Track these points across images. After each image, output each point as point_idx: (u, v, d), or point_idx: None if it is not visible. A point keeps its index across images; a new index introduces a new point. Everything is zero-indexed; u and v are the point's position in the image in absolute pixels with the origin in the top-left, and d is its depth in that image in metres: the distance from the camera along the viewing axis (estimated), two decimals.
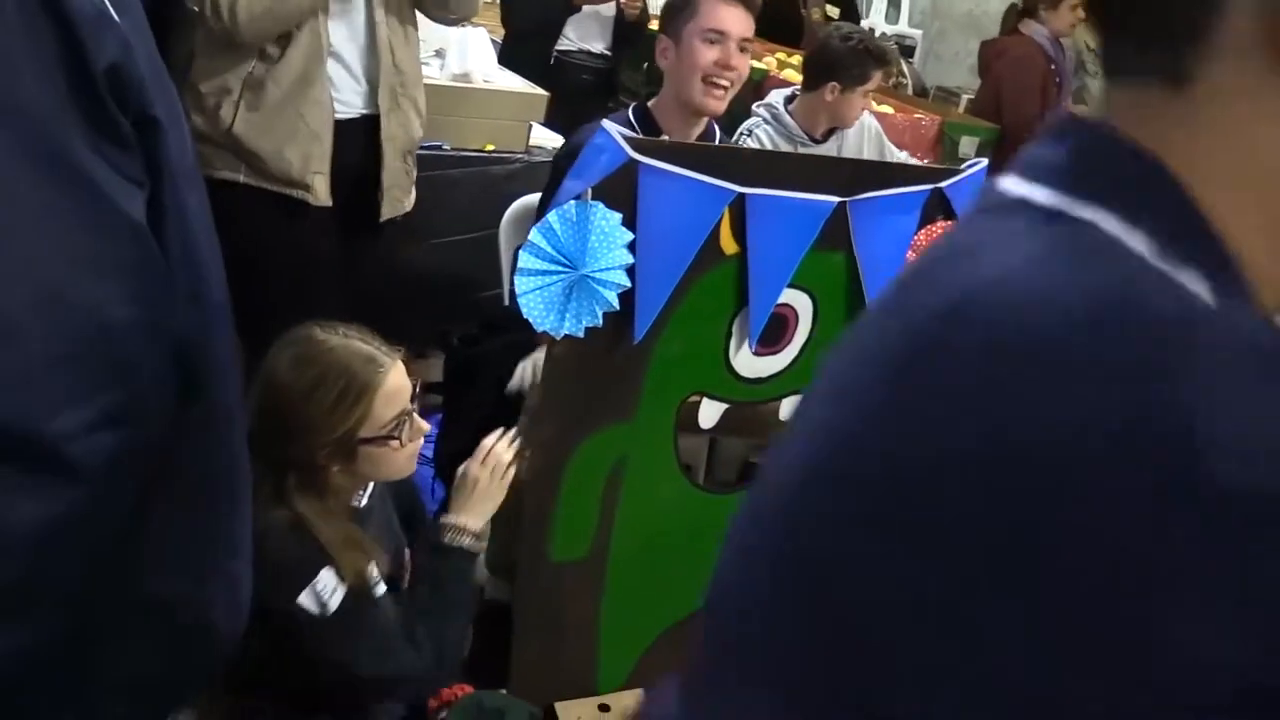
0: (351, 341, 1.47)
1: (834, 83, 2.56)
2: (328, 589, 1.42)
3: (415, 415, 1.51)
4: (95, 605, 0.78)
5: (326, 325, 1.49)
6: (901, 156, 2.95)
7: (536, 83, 3.33)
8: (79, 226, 0.70)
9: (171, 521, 0.84)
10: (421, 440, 1.54)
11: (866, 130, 2.76)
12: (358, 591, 1.45)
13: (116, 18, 0.72)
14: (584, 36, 3.88)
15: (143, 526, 0.79)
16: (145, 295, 0.75)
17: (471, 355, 2.31)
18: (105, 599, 0.78)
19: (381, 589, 1.53)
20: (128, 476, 0.75)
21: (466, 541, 1.58)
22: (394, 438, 1.46)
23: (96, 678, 0.82)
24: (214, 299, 0.86)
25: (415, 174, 2.33)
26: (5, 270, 0.67)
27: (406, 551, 1.65)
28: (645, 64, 4.28)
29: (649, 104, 2.19)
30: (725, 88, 2.08)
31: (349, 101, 2.13)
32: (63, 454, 0.69)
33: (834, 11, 5.07)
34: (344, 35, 2.09)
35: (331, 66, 2.08)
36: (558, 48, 3.83)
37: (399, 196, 2.27)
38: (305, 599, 1.41)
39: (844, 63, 2.56)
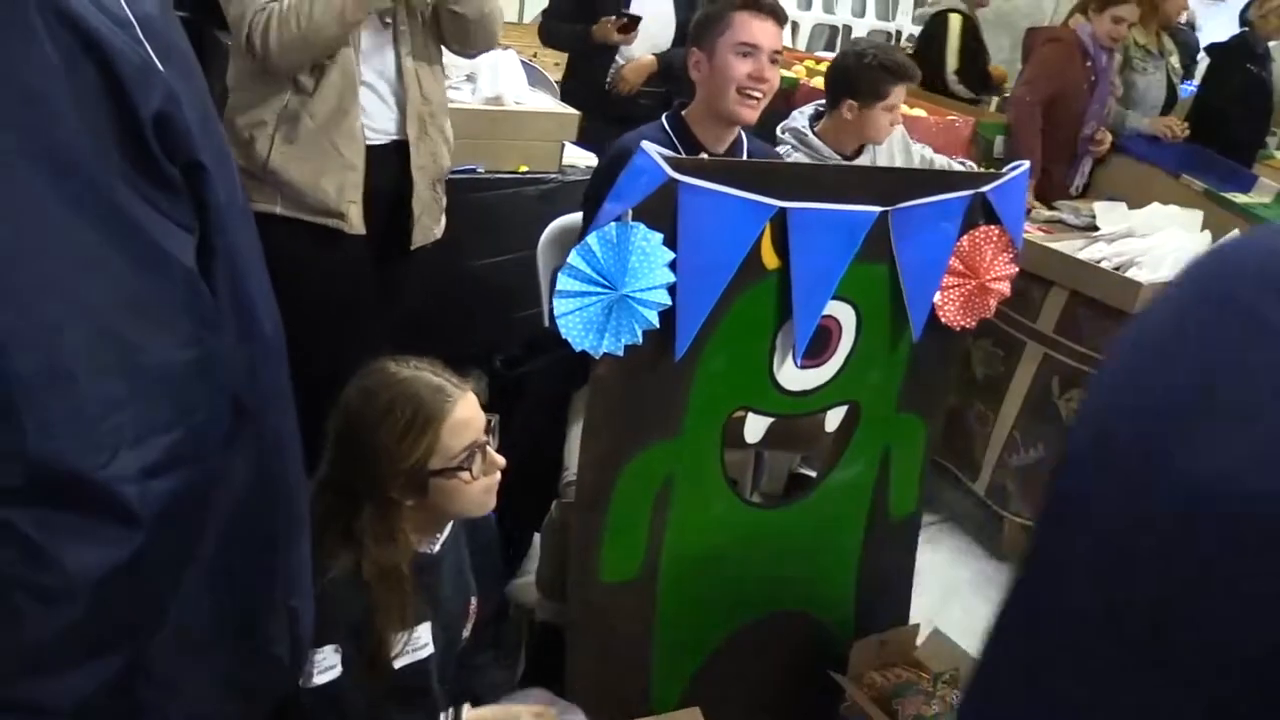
0: (421, 373, 1.47)
1: (851, 100, 2.53)
2: (323, 664, 1.40)
3: (490, 449, 1.49)
4: (154, 644, 0.79)
5: (400, 358, 1.49)
6: (927, 152, 2.91)
7: (595, 113, 3.29)
8: (128, 271, 0.71)
9: (228, 558, 0.85)
10: (498, 475, 1.51)
11: (891, 137, 2.73)
12: (371, 660, 1.43)
13: (161, 67, 0.73)
14: (631, 54, 3.54)
15: (201, 564, 0.80)
16: (196, 337, 0.76)
17: (514, 377, 2.31)
18: (164, 637, 0.79)
19: (427, 651, 1.51)
20: (186, 518, 0.75)
21: None
22: (464, 469, 1.44)
23: (147, 710, 0.82)
24: (265, 333, 0.87)
25: (445, 201, 2.34)
26: (57, 316, 0.68)
27: (473, 600, 1.63)
28: None
29: (682, 113, 2.20)
30: (758, 99, 2.11)
31: (381, 128, 2.16)
32: (120, 498, 0.69)
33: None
34: (374, 68, 2.11)
35: (363, 94, 2.10)
36: (611, 71, 3.54)
37: (429, 224, 2.29)
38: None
39: (858, 80, 2.52)
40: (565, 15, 3.55)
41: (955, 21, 4.64)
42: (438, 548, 1.55)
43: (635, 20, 3.42)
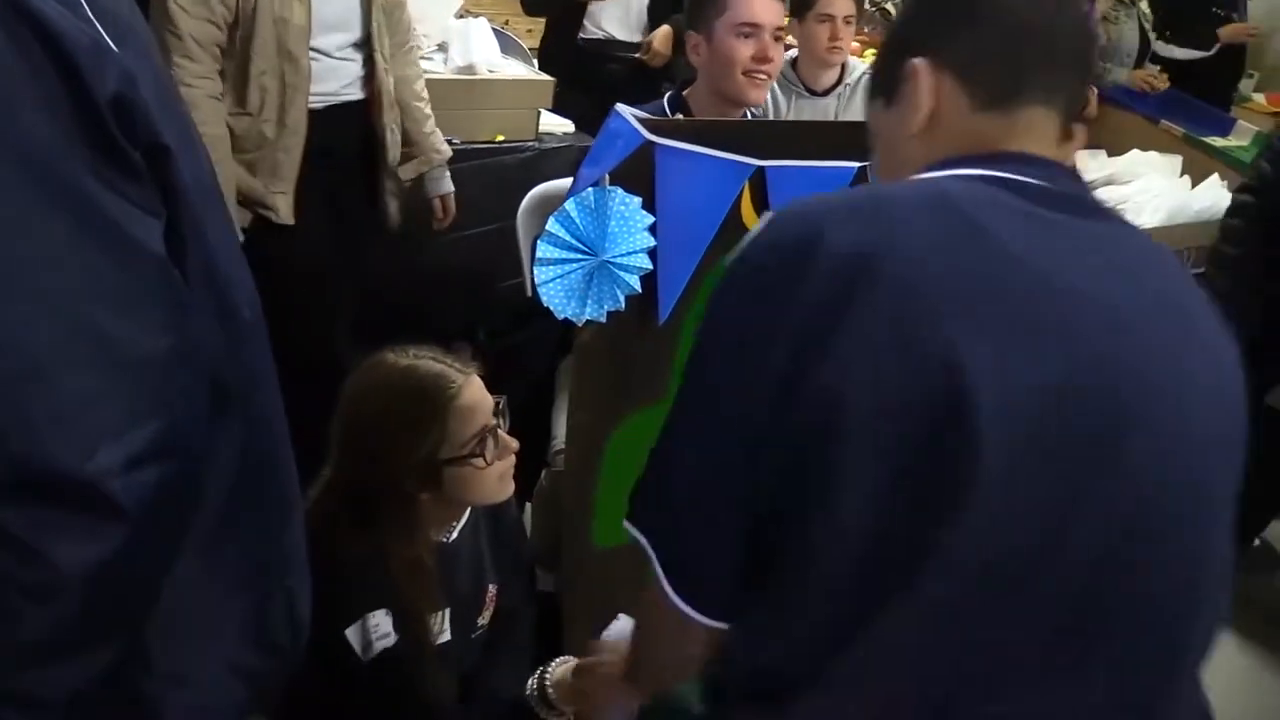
0: (421, 361, 1.43)
1: (792, 18, 2.40)
2: (378, 631, 1.38)
3: (502, 433, 1.45)
4: (151, 634, 0.78)
5: (399, 349, 1.45)
6: None
7: (570, 77, 3.27)
8: (97, 262, 0.69)
9: (221, 542, 0.84)
10: (513, 459, 1.46)
11: (863, 84, 2.68)
12: (415, 639, 1.41)
13: (115, 48, 0.70)
14: (604, 20, 3.53)
15: (193, 551, 0.79)
16: (172, 323, 0.74)
17: (499, 348, 2.31)
18: (161, 626, 0.78)
19: (446, 636, 1.48)
20: (174, 507, 0.74)
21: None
22: (476, 455, 1.39)
23: (151, 702, 0.82)
24: (242, 316, 0.85)
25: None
26: (26, 308, 0.66)
27: (492, 588, 1.59)
28: None
29: (684, 93, 2.13)
30: (765, 79, 2.01)
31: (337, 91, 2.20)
32: (105, 492, 0.68)
33: None
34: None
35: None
36: (581, 35, 3.51)
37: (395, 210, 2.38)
38: (352, 634, 1.37)
39: None
40: None
41: None
42: (455, 536, 1.51)
43: None
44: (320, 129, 2.17)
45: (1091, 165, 3.29)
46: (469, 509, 1.53)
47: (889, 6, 5.54)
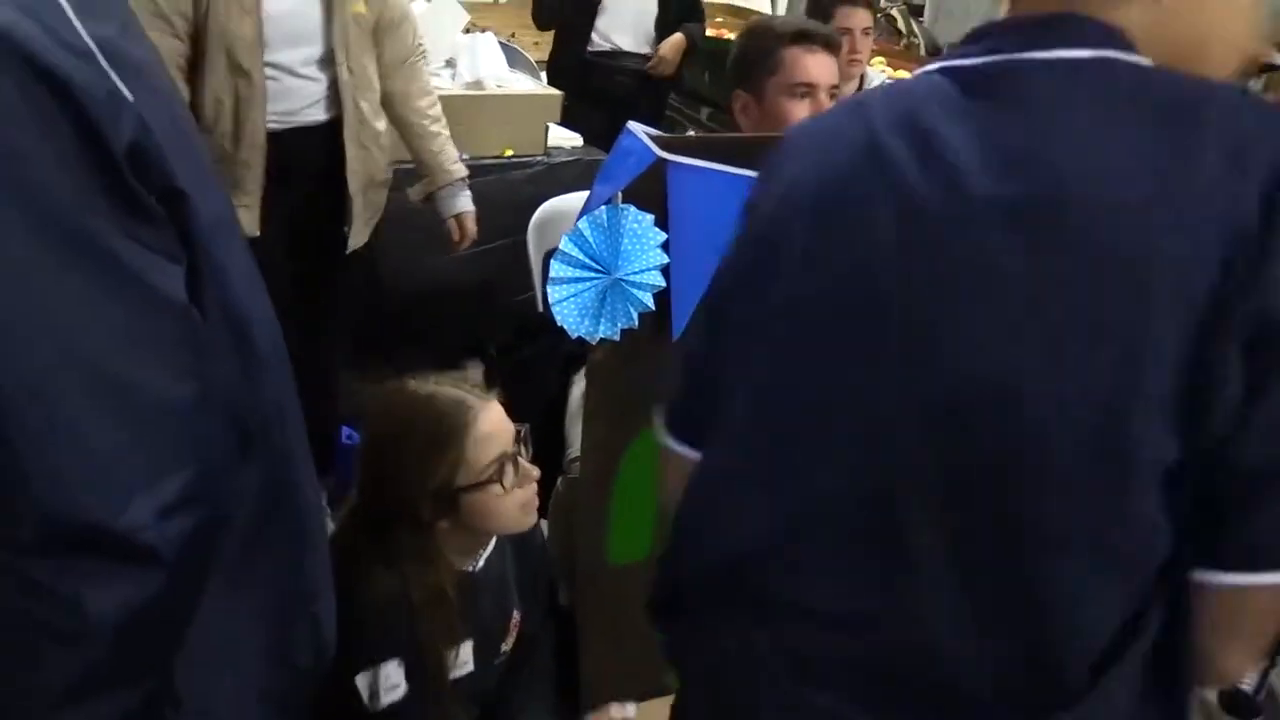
0: (440, 387, 1.42)
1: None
2: (388, 682, 1.36)
3: (523, 461, 1.43)
4: (180, 669, 0.78)
5: (420, 375, 1.44)
6: None
7: (578, 90, 3.27)
8: (119, 313, 0.70)
9: (246, 574, 0.84)
10: (535, 488, 1.44)
11: None
12: (431, 680, 1.39)
13: (129, 95, 0.70)
14: (611, 31, 3.53)
15: (221, 587, 0.79)
16: (195, 370, 0.74)
17: (511, 363, 2.31)
18: (188, 660, 0.78)
19: (467, 669, 1.46)
20: (205, 550, 0.74)
21: None
22: (494, 482, 1.38)
23: None
24: (261, 350, 0.85)
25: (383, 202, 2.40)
26: (51, 361, 0.66)
27: (517, 614, 1.57)
28: (706, 73, 4.08)
29: None
30: None
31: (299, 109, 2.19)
32: (139, 542, 0.68)
33: None
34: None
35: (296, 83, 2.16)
36: (589, 48, 3.51)
37: (360, 231, 2.34)
38: (361, 681, 1.36)
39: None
40: None
41: None
42: (480, 565, 1.49)
43: None
44: (278, 150, 2.15)
45: None
46: (494, 538, 1.51)
47: (894, 13, 5.56)
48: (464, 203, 2.45)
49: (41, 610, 0.67)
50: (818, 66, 1.86)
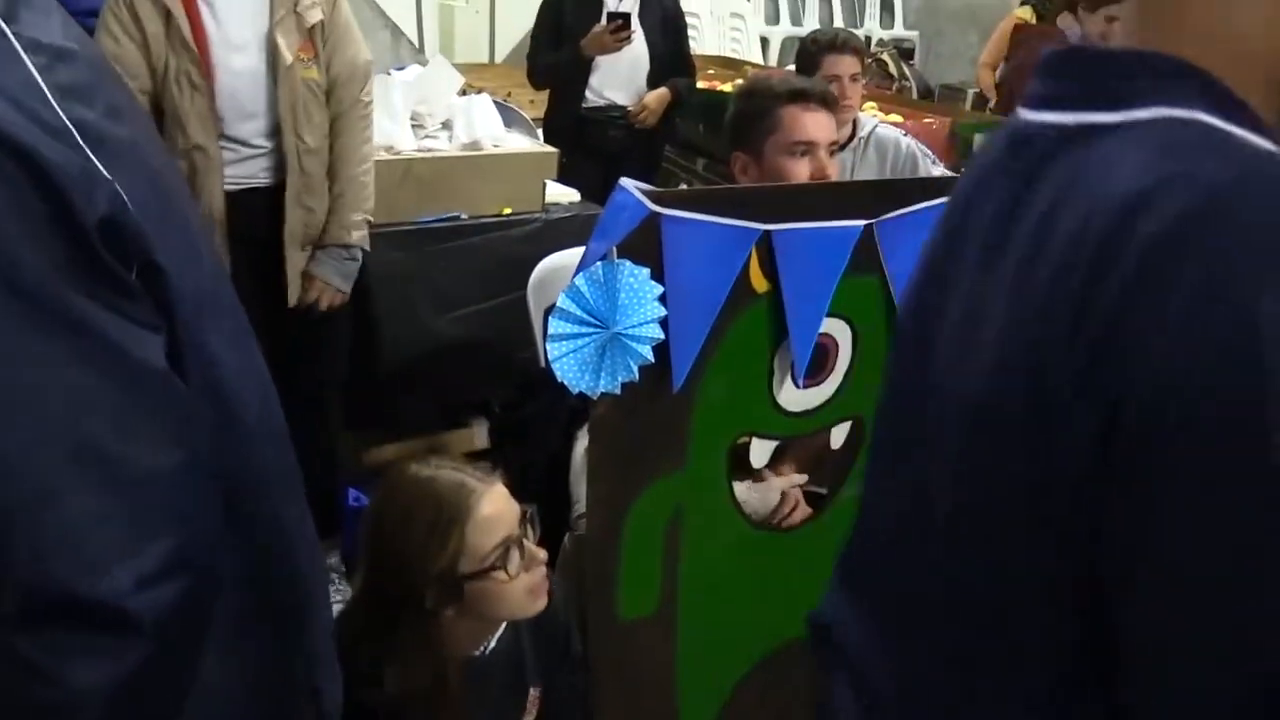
0: (441, 471, 1.41)
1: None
2: None
3: (529, 543, 1.39)
4: None
5: (423, 459, 1.43)
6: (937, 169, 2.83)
7: (575, 146, 3.30)
8: (98, 382, 0.71)
9: (239, 645, 0.84)
10: (543, 571, 1.40)
11: (897, 149, 2.65)
12: None
13: (106, 173, 0.72)
14: (605, 87, 3.59)
15: (217, 657, 0.79)
16: (178, 439, 0.75)
17: (515, 420, 2.31)
18: None
19: None
20: (192, 620, 0.74)
21: None
22: (498, 568, 1.34)
23: None
24: (249, 419, 0.86)
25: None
26: (28, 435, 0.67)
27: (534, 692, 1.52)
28: (700, 124, 4.15)
29: None
30: None
31: (252, 174, 2.24)
32: (119, 612, 0.68)
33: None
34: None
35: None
36: (583, 105, 3.56)
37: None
38: None
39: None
40: (547, 50, 3.58)
41: None
42: (491, 646, 1.45)
43: (625, 17, 3.42)
44: (235, 211, 2.22)
45: None
46: (504, 622, 1.47)
47: (885, 57, 5.63)
48: (329, 270, 2.36)
49: (27, 684, 0.67)
50: (816, 125, 1.86)
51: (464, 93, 3.11)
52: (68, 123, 0.71)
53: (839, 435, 1.94)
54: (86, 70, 0.77)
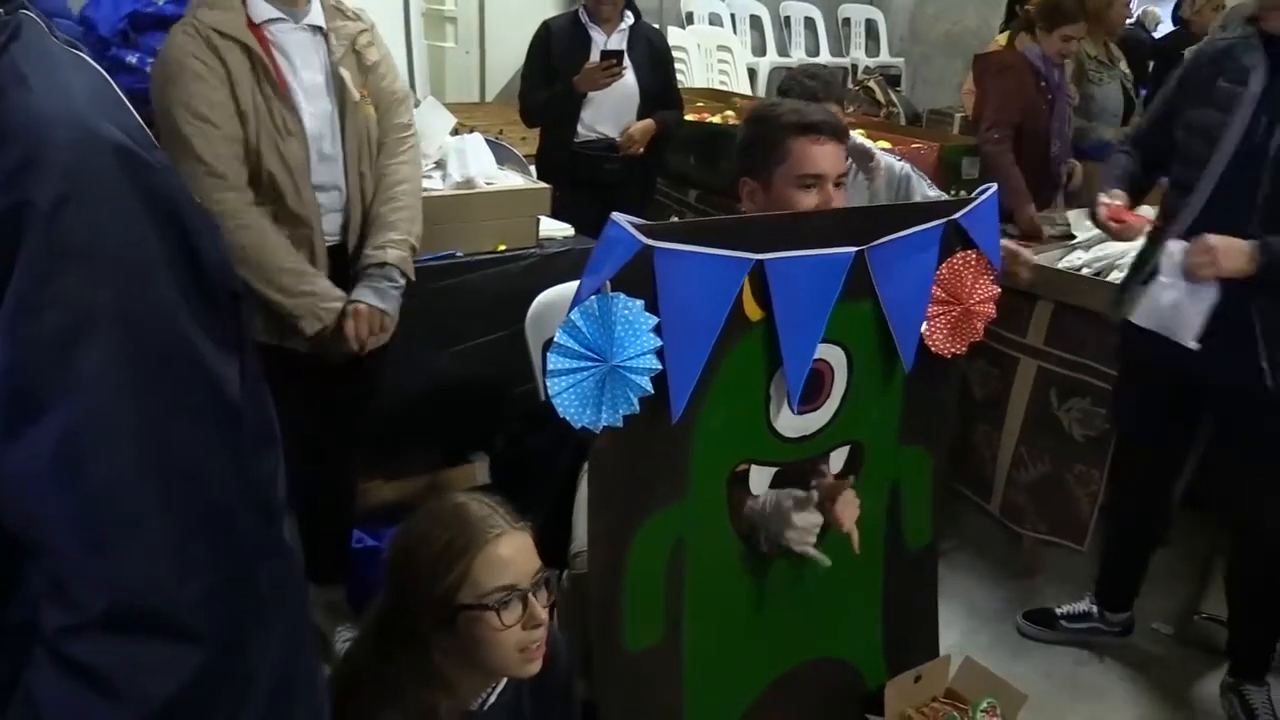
0: (474, 502, 1.41)
1: None
2: None
3: (535, 603, 1.36)
4: None
5: (468, 490, 1.46)
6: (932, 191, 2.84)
7: (568, 180, 3.32)
8: (198, 415, 0.77)
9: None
10: (540, 635, 1.37)
11: (891, 175, 2.66)
12: None
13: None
14: (596, 122, 3.60)
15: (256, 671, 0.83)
16: (244, 465, 0.81)
17: (517, 454, 2.31)
18: None
19: None
20: (240, 630, 0.79)
21: None
22: (490, 608, 1.32)
23: None
24: (279, 443, 0.92)
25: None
26: (133, 465, 0.73)
27: None
28: (691, 155, 4.19)
29: None
30: None
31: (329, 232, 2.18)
32: (184, 624, 0.75)
33: None
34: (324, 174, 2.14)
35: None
36: (575, 140, 3.59)
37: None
38: None
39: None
40: (538, 88, 3.62)
41: None
42: (489, 704, 1.43)
43: (618, 55, 3.47)
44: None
45: (1087, 224, 3.32)
46: (503, 679, 1.45)
47: (872, 84, 5.68)
48: (363, 291, 2.15)
49: (90, 692, 0.72)
50: (825, 158, 1.87)
51: (456, 132, 3.14)
52: (169, 163, 0.80)
53: (837, 460, 1.95)
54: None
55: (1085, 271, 2.91)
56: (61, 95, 0.74)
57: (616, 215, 1.47)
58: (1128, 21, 5.58)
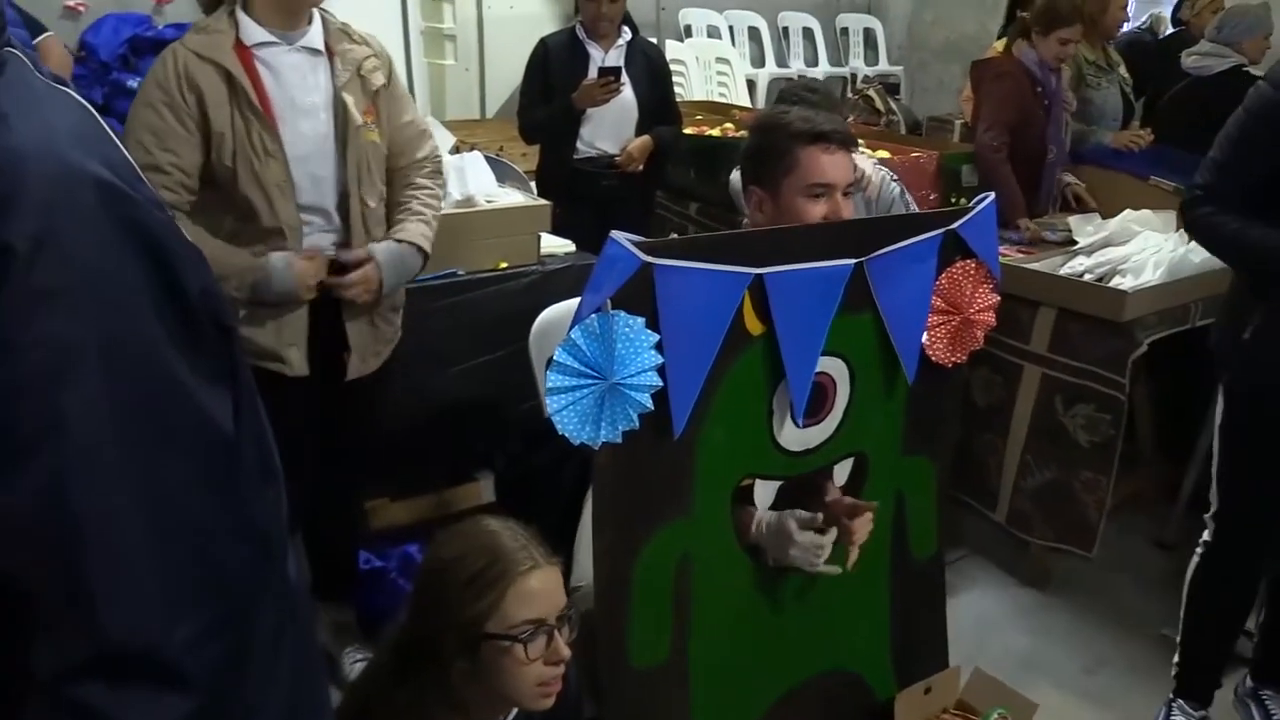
0: (508, 530, 1.42)
1: None
2: None
3: (559, 639, 1.38)
4: None
5: (500, 517, 1.44)
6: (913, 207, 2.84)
7: (568, 196, 3.33)
8: (186, 450, 0.76)
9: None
10: (560, 671, 1.38)
11: (884, 192, 2.66)
12: None
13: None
14: (595, 138, 3.62)
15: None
16: (239, 500, 0.80)
17: (521, 472, 2.31)
18: None
19: None
20: (235, 673, 0.78)
21: None
22: (517, 640, 1.33)
23: None
24: (280, 474, 0.91)
25: (394, 330, 2.35)
26: (121, 502, 0.73)
27: None
28: (691, 169, 4.20)
29: None
30: None
31: (323, 248, 2.16)
32: (177, 667, 0.73)
33: None
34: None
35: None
36: (575, 156, 3.61)
37: (365, 358, 2.28)
38: None
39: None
40: (537, 105, 3.63)
41: None
42: None
43: (616, 71, 3.48)
44: None
45: (1087, 229, 3.32)
46: (514, 710, 1.46)
47: (871, 93, 5.69)
48: (380, 251, 2.17)
49: None
50: (834, 168, 1.85)
51: (457, 150, 3.16)
52: (156, 197, 0.79)
53: (842, 472, 1.95)
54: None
55: (1088, 277, 2.91)
56: (42, 132, 0.74)
57: (616, 233, 1.47)
58: (1138, 26, 5.58)
